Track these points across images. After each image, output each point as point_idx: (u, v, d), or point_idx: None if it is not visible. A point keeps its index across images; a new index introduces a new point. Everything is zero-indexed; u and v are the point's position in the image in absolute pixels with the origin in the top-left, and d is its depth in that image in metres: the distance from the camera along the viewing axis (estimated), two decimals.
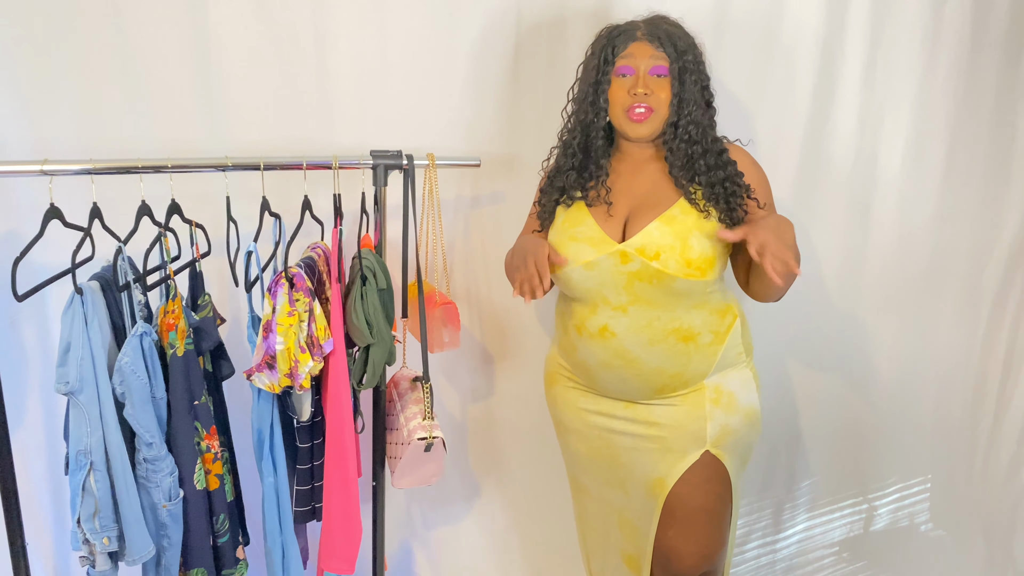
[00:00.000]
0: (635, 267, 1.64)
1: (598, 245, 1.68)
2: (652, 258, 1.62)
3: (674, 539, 1.76)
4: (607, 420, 1.81)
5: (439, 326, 1.97)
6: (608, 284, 1.68)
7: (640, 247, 1.64)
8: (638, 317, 1.68)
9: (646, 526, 1.81)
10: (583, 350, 1.76)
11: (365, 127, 2.09)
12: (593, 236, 1.69)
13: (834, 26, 2.09)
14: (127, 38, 1.93)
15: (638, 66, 1.66)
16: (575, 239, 1.71)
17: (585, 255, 1.68)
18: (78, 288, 1.53)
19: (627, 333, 1.69)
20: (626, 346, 1.69)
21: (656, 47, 1.66)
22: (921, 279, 2.29)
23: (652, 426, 1.76)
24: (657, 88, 1.66)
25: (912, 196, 2.22)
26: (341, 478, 1.77)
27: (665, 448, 1.75)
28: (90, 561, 1.62)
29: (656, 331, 1.68)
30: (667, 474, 1.75)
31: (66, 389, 1.53)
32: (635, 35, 1.68)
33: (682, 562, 1.76)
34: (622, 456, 1.81)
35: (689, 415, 1.74)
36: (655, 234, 1.64)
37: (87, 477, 1.55)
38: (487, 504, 2.52)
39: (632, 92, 1.66)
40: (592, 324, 1.72)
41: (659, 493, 1.76)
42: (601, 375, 1.76)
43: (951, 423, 2.40)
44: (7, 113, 1.91)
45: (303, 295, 1.66)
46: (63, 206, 1.55)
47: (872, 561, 2.48)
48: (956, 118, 2.16)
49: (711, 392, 1.74)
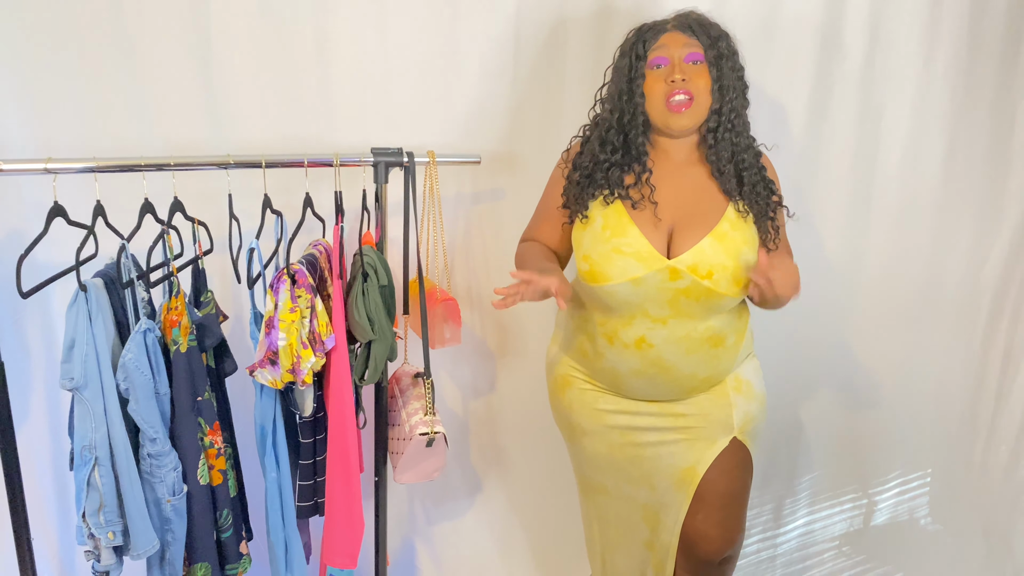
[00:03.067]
0: (684, 284, 1.61)
1: (646, 260, 1.61)
2: (704, 277, 1.59)
3: (702, 524, 1.78)
4: (630, 418, 1.80)
5: (440, 322, 1.98)
6: (652, 299, 1.64)
7: (692, 265, 1.60)
8: (677, 329, 1.66)
9: (674, 515, 1.82)
10: (612, 358, 1.73)
11: (366, 125, 2.10)
12: (640, 251, 1.62)
13: (833, 22, 2.09)
14: (130, 37, 1.93)
15: (672, 55, 1.60)
16: (620, 252, 1.63)
17: (633, 271, 1.61)
18: (82, 285, 1.54)
19: (665, 344, 1.67)
20: (663, 356, 1.68)
21: (689, 35, 1.61)
22: (921, 274, 2.30)
23: (679, 417, 1.77)
24: (694, 75, 1.59)
25: (911, 192, 2.23)
26: (343, 473, 1.78)
27: (695, 437, 1.76)
28: (95, 555, 1.64)
29: (693, 341, 1.67)
30: (698, 461, 1.76)
31: (71, 385, 1.54)
32: (666, 27, 1.63)
33: (711, 545, 1.78)
34: (646, 451, 1.80)
35: (715, 404, 1.76)
36: (707, 252, 1.60)
37: (92, 472, 1.57)
38: (488, 499, 2.53)
39: (669, 80, 1.59)
40: (627, 335, 1.69)
41: (690, 481, 1.77)
42: (631, 381, 1.75)
43: (951, 418, 2.41)
44: (11, 112, 1.92)
45: (305, 291, 1.67)
46: (67, 204, 1.56)
47: (872, 555, 2.49)
48: (955, 114, 2.16)
49: (732, 381, 1.77)
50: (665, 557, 1.87)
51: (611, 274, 1.64)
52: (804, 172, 2.20)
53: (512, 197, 2.22)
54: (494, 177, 2.23)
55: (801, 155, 2.19)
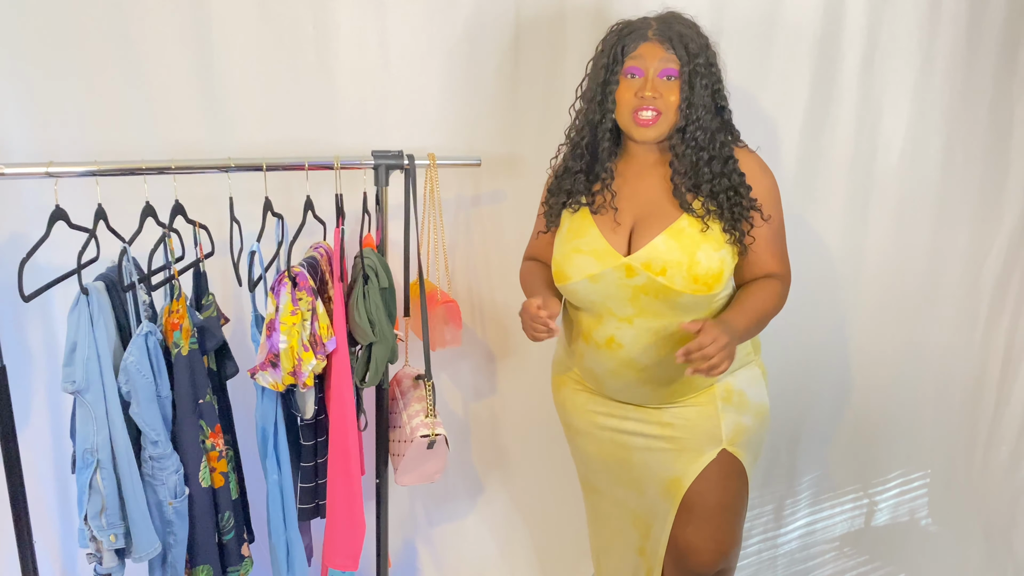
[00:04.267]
0: (641, 281, 1.62)
1: (602, 258, 1.65)
2: (658, 273, 1.60)
3: (692, 536, 1.75)
4: (618, 422, 1.79)
5: (441, 324, 1.98)
6: (613, 297, 1.66)
7: (646, 262, 1.61)
8: (644, 328, 1.66)
9: (661, 524, 1.80)
10: (590, 358, 1.75)
11: (366, 127, 2.10)
12: (597, 248, 1.66)
13: (832, 22, 2.10)
14: (131, 41, 1.94)
15: (647, 68, 1.60)
16: (579, 251, 1.68)
17: (589, 268, 1.65)
18: (84, 288, 1.54)
19: (634, 344, 1.67)
20: (633, 356, 1.68)
21: (667, 49, 1.59)
22: (920, 273, 2.30)
23: (665, 427, 1.75)
24: (666, 91, 1.60)
25: (910, 191, 2.23)
26: (344, 475, 1.79)
27: (680, 448, 1.74)
28: (97, 558, 1.64)
29: (662, 341, 1.66)
30: (684, 473, 1.74)
31: (72, 388, 1.54)
32: (646, 34, 1.62)
33: (700, 558, 1.74)
34: (635, 456, 1.79)
35: (701, 415, 1.73)
36: (661, 248, 1.61)
37: (94, 475, 1.57)
38: (490, 501, 2.53)
39: (640, 95, 1.59)
40: (599, 335, 1.70)
41: (675, 492, 1.75)
42: (609, 382, 1.75)
43: (951, 417, 2.41)
44: (13, 116, 1.93)
45: (306, 294, 1.67)
46: (68, 208, 1.56)
47: (873, 556, 2.49)
48: (953, 113, 2.16)
49: (721, 391, 1.73)
50: (654, 565, 1.86)
51: (570, 272, 1.68)
52: (804, 171, 2.21)
53: (513, 199, 2.23)
54: (495, 179, 2.23)
55: (801, 154, 2.20)
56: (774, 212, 1.68)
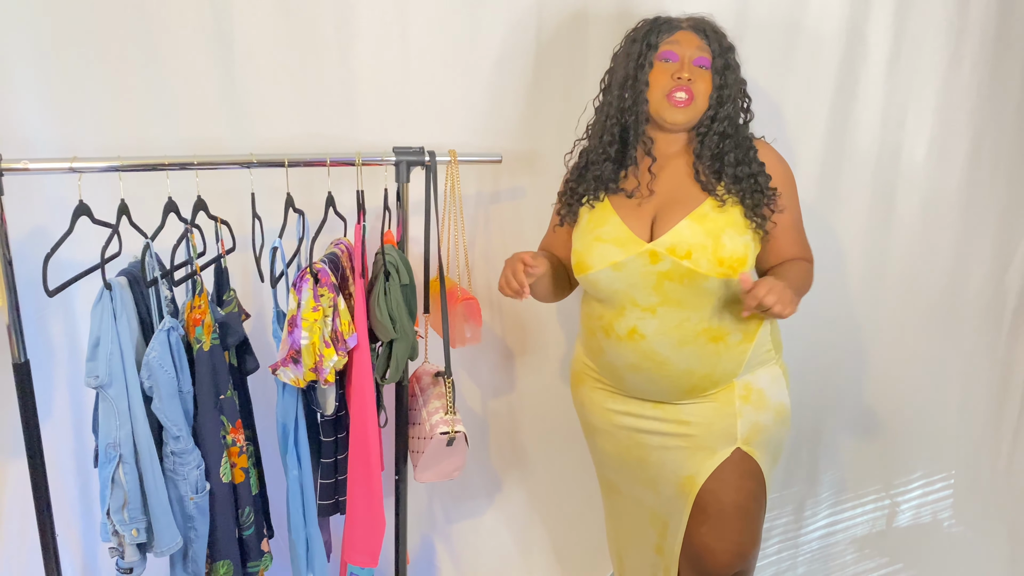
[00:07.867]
0: (665, 267, 1.62)
1: (625, 245, 1.65)
2: (683, 257, 1.60)
3: (707, 537, 1.73)
4: (635, 420, 1.79)
5: (461, 322, 1.98)
6: (637, 285, 1.66)
7: (671, 246, 1.61)
8: (668, 318, 1.65)
9: (677, 523, 1.79)
10: (611, 353, 1.74)
11: (388, 124, 2.10)
12: (620, 236, 1.66)
13: (858, 20, 2.08)
14: (152, 37, 1.95)
15: (683, 53, 1.64)
16: (600, 240, 1.68)
17: (613, 256, 1.65)
18: (107, 283, 1.55)
19: (656, 335, 1.66)
20: (655, 348, 1.67)
21: (702, 39, 1.65)
22: (944, 274, 2.27)
23: (682, 424, 1.74)
24: (699, 78, 1.64)
25: (936, 192, 2.20)
26: (364, 472, 1.79)
27: (695, 446, 1.73)
28: (119, 552, 1.65)
29: (686, 332, 1.66)
30: (697, 472, 1.73)
31: (96, 383, 1.55)
32: (680, 25, 1.68)
33: (716, 560, 1.72)
34: (651, 455, 1.79)
35: (719, 412, 1.72)
36: (686, 232, 1.62)
37: (116, 469, 1.58)
38: (508, 498, 2.53)
39: (676, 76, 1.63)
40: (620, 327, 1.70)
41: (689, 491, 1.74)
42: (629, 377, 1.75)
43: (975, 419, 2.38)
44: (37, 112, 1.94)
45: (327, 290, 1.67)
46: (91, 203, 1.57)
47: (894, 557, 2.47)
48: (980, 113, 2.14)
49: (740, 389, 1.72)
50: (671, 564, 1.85)
51: (592, 262, 1.68)
52: (827, 172, 2.19)
53: (533, 196, 2.22)
54: (515, 176, 2.23)
55: (824, 155, 2.17)
56: (792, 200, 1.72)
